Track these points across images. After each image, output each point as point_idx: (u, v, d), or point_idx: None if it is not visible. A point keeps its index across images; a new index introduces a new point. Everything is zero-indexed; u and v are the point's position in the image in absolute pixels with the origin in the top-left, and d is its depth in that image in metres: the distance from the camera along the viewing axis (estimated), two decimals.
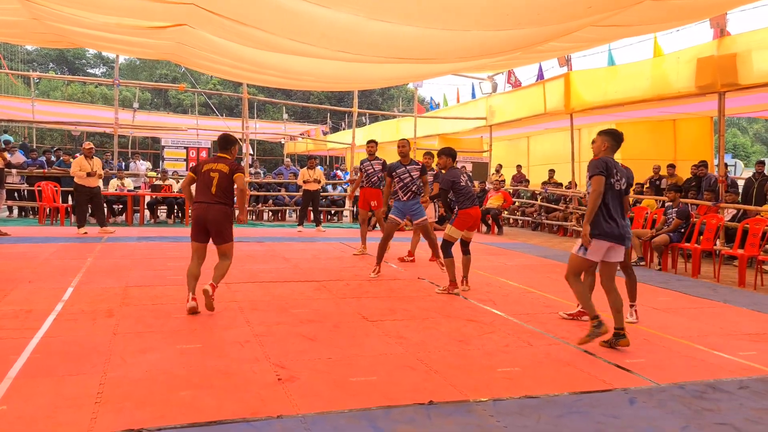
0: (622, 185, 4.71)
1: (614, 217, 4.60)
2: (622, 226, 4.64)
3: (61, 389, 3.42)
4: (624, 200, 4.79)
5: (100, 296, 5.88)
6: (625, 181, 4.77)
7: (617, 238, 4.60)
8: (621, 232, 4.61)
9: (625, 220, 4.73)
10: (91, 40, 8.33)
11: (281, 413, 3.21)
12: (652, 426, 3.24)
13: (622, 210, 4.73)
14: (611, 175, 4.62)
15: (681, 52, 10.63)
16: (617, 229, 4.60)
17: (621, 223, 4.65)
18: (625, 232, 4.67)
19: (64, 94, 38.90)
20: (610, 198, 4.60)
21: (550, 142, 18.77)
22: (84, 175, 11.02)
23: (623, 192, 4.75)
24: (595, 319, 4.61)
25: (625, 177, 4.77)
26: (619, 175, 4.70)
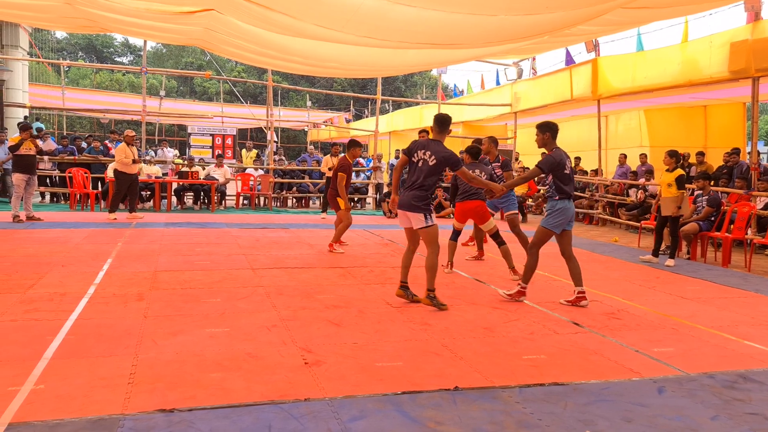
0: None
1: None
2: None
3: (96, 369, 3.51)
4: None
5: (131, 280, 6.00)
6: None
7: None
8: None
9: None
10: (121, 25, 8.43)
11: (309, 396, 3.26)
12: (681, 415, 3.21)
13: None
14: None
15: (713, 36, 10.38)
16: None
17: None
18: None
19: (93, 82, 39.48)
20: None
21: (576, 129, 18.51)
22: (129, 162, 11.30)
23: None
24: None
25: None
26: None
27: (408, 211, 5.27)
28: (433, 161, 5.19)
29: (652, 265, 8.27)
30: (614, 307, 5.65)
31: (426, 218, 5.22)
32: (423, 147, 5.30)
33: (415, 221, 5.26)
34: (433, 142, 5.30)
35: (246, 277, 6.41)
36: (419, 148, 5.33)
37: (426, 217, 5.22)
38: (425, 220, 5.22)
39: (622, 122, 16.60)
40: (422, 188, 5.24)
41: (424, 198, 5.26)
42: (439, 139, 5.36)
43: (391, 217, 14.09)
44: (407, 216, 5.31)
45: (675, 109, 15.39)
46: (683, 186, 8.15)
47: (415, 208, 5.22)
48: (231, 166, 16.19)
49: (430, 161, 5.19)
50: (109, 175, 13.32)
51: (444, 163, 5.21)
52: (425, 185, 5.25)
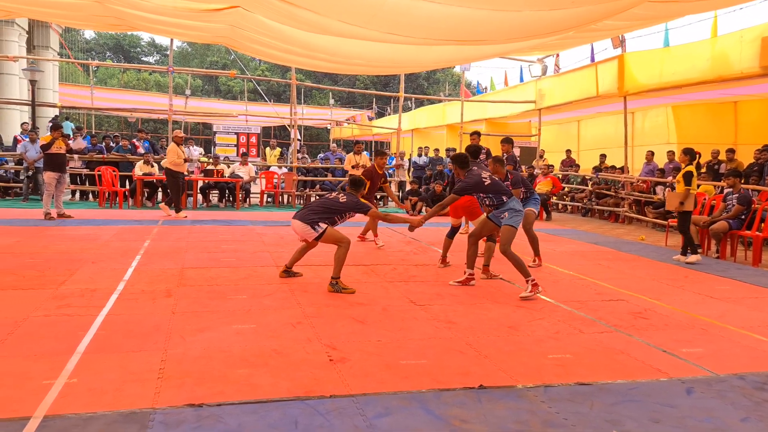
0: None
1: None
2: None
3: (126, 364, 3.58)
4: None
5: (159, 277, 6.10)
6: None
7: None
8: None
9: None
10: (149, 23, 8.55)
11: (334, 393, 3.28)
12: (710, 416, 3.17)
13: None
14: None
15: (744, 30, 10.17)
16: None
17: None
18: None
19: (121, 82, 40.10)
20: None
21: (602, 126, 18.28)
22: (181, 162, 11.56)
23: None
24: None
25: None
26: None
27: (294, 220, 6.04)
28: (344, 199, 6.06)
29: (680, 264, 8.16)
30: (641, 307, 5.58)
31: (314, 228, 5.87)
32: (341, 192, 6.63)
33: (306, 233, 5.92)
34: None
35: (271, 274, 6.48)
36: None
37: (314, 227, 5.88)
38: (314, 230, 5.89)
39: (649, 119, 16.35)
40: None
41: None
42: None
43: (413, 214, 14.09)
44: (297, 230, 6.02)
45: (704, 105, 15.11)
46: (689, 182, 8.20)
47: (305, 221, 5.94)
48: (255, 164, 16.33)
49: (341, 199, 6.06)
50: (137, 173, 13.55)
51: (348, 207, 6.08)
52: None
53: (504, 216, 6.04)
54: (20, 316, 4.48)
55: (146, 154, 14.34)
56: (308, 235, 5.88)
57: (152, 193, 14.18)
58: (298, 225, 5.91)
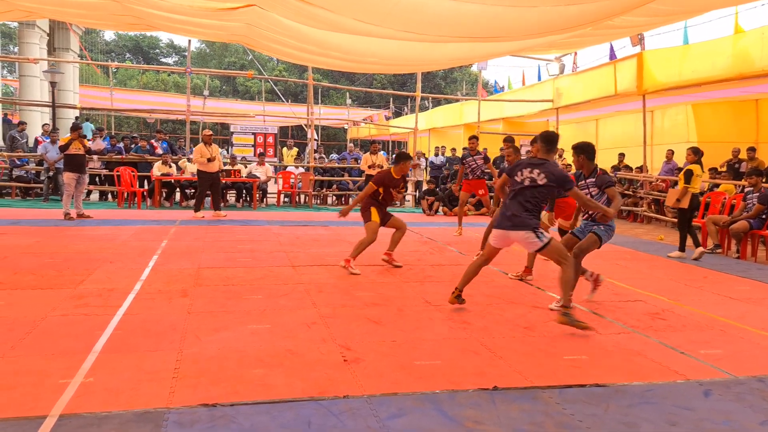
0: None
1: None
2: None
3: (142, 364, 3.61)
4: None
5: (176, 277, 6.15)
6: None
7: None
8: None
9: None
10: (166, 22, 8.63)
11: (348, 393, 3.29)
12: (728, 419, 3.12)
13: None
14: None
15: (765, 28, 10.00)
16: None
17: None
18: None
19: (140, 83, 40.57)
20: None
21: (620, 125, 18.08)
22: (205, 161, 11.63)
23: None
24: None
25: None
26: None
27: (508, 230, 4.76)
28: (543, 180, 4.72)
29: (686, 261, 8.13)
30: (659, 307, 5.51)
31: (537, 236, 4.66)
32: (528, 166, 4.83)
33: (528, 243, 4.71)
34: (542, 161, 4.83)
35: (287, 274, 6.50)
36: (524, 167, 4.85)
37: (537, 234, 4.67)
38: (538, 239, 4.66)
39: (669, 117, 16.14)
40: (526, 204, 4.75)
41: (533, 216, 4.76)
42: (547, 158, 4.87)
43: (430, 214, 14.07)
44: (507, 235, 4.81)
45: (724, 103, 14.88)
46: (688, 180, 8.33)
47: (513, 227, 4.72)
48: (272, 164, 16.41)
49: (540, 180, 4.73)
50: (155, 173, 13.69)
51: (554, 183, 4.73)
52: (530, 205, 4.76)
53: (598, 228, 5.43)
54: (38, 316, 4.55)
55: (164, 154, 14.48)
56: (530, 246, 4.71)
57: (170, 193, 14.32)
58: (517, 235, 4.71)
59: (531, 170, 4.78)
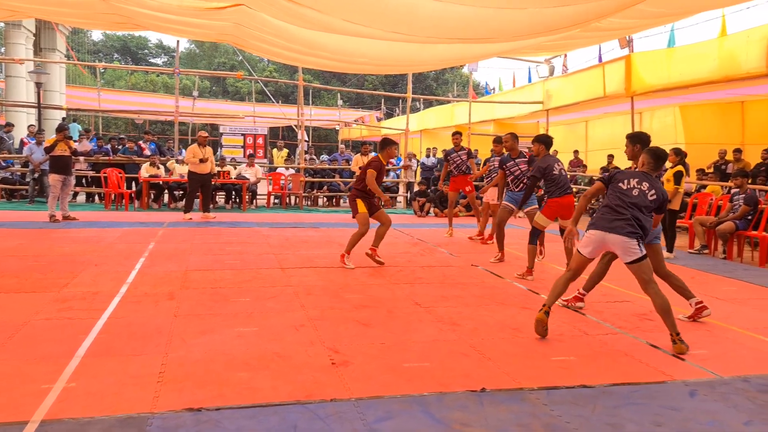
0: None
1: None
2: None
3: (126, 368, 3.58)
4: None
5: (162, 279, 6.10)
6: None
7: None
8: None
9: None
10: (153, 21, 8.57)
11: (335, 397, 3.27)
12: (713, 420, 3.13)
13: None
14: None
15: (751, 30, 10.09)
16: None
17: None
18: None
19: (128, 84, 40.31)
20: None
21: (609, 127, 18.19)
22: (197, 162, 11.57)
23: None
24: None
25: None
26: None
27: (617, 235, 4.40)
28: (653, 197, 4.48)
29: (673, 261, 8.20)
30: (646, 308, 5.53)
31: (640, 246, 4.40)
32: (635, 177, 4.57)
33: (628, 251, 4.38)
34: (649, 176, 4.59)
35: (275, 276, 6.47)
36: (629, 177, 4.59)
37: (640, 244, 4.41)
38: (639, 249, 4.39)
39: (657, 119, 16.25)
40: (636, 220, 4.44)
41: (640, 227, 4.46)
42: (651, 172, 4.61)
43: (421, 215, 14.07)
44: (609, 239, 4.46)
45: (711, 105, 15.00)
46: (679, 182, 8.33)
47: (630, 234, 4.38)
48: (262, 166, 16.36)
49: (650, 195, 4.48)
50: (143, 175, 13.59)
51: (659, 202, 4.52)
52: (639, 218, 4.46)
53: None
54: (21, 320, 4.49)
55: (152, 155, 14.39)
56: (630, 255, 4.37)
57: (158, 195, 14.23)
58: (617, 240, 4.39)
59: (640, 183, 4.53)
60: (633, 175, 4.59)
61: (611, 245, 4.48)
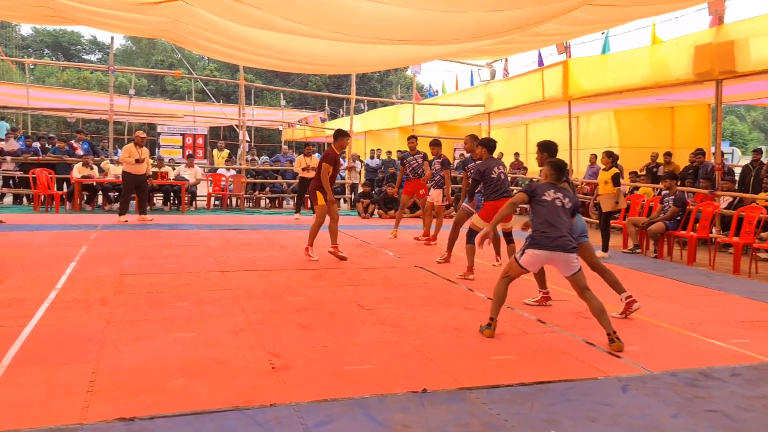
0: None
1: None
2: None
3: (54, 378, 3.41)
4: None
5: (95, 284, 5.86)
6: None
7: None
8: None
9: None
10: (86, 15, 8.22)
11: (274, 402, 3.21)
12: (644, 413, 3.24)
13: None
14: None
15: (679, 39, 10.56)
16: None
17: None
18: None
19: (60, 80, 38.66)
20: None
21: (549, 130, 18.66)
22: (133, 162, 11.16)
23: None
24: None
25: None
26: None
27: (563, 252, 4.53)
28: (569, 205, 4.66)
29: (608, 261, 8.49)
30: (582, 306, 5.66)
31: (577, 261, 4.62)
32: (549, 188, 4.69)
33: (571, 266, 4.57)
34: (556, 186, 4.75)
35: (215, 280, 6.32)
36: (546, 189, 4.69)
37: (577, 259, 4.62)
38: (577, 263, 4.62)
39: (593, 123, 16.82)
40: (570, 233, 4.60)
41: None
42: (555, 183, 4.78)
43: (365, 217, 14.07)
44: (554, 257, 4.58)
45: (643, 110, 15.64)
46: (618, 183, 8.75)
47: (572, 250, 4.55)
48: (202, 166, 15.99)
49: (566, 204, 4.65)
50: (75, 175, 13.05)
51: (574, 208, 4.71)
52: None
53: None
54: None
55: (85, 155, 13.83)
56: (571, 270, 4.57)
57: (92, 196, 13.70)
58: (562, 256, 4.52)
59: (555, 192, 4.67)
60: (548, 187, 4.71)
61: (555, 262, 4.60)
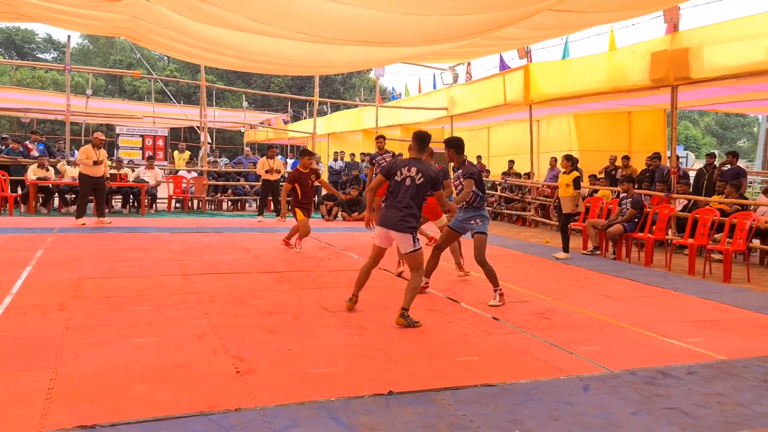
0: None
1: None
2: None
3: (10, 385, 3.31)
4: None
5: (52, 289, 5.70)
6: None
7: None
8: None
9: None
10: (41, 10, 7.96)
11: (239, 406, 3.18)
12: (604, 412, 3.32)
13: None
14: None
15: (636, 45, 10.86)
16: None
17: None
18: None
19: (13, 79, 37.41)
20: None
21: (510, 133, 18.98)
22: (90, 164, 10.87)
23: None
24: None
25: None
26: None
27: (396, 231, 4.96)
28: (420, 180, 4.94)
29: (568, 262, 8.68)
30: (544, 308, 5.80)
31: (414, 241, 4.96)
32: (407, 165, 5.03)
33: (404, 244, 4.98)
34: (417, 161, 5.06)
35: (176, 283, 6.22)
36: (402, 166, 5.05)
37: (414, 240, 4.96)
38: (413, 244, 4.96)
39: (553, 126, 17.15)
40: (410, 208, 4.96)
41: (415, 218, 4.99)
42: (419, 157, 5.10)
43: (329, 219, 14.04)
44: (390, 235, 5.03)
45: (602, 114, 16.03)
46: (579, 186, 9.06)
47: (405, 228, 4.93)
48: (162, 168, 15.70)
49: (417, 180, 4.94)
50: (30, 177, 12.66)
51: (429, 183, 4.97)
52: (413, 205, 4.98)
53: (474, 222, 5.95)
54: None
55: (41, 157, 13.43)
56: (406, 247, 4.96)
57: (48, 199, 13.30)
58: (395, 234, 4.96)
59: (409, 169, 5.02)
60: (405, 164, 5.07)
61: (393, 238, 5.06)
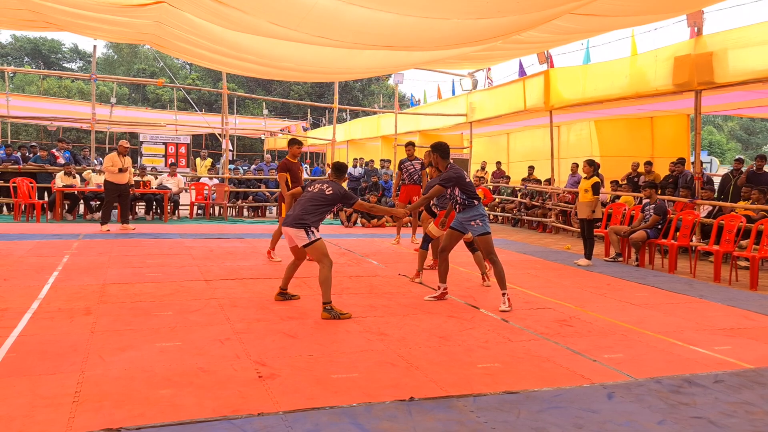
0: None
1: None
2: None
3: (38, 389, 3.37)
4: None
5: (78, 294, 5.80)
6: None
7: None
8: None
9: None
10: (68, 17, 8.12)
11: (262, 411, 3.20)
12: (629, 420, 3.28)
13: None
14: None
15: (659, 50, 10.75)
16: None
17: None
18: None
19: (40, 89, 38.16)
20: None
21: (530, 139, 18.89)
22: (116, 171, 11.07)
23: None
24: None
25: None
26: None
27: (288, 227, 5.51)
28: (330, 192, 5.55)
29: (590, 269, 8.59)
30: (566, 315, 5.75)
31: (308, 234, 5.40)
32: (323, 183, 5.69)
33: (297, 239, 5.45)
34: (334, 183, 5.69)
35: (199, 289, 6.29)
36: (320, 183, 5.71)
37: (308, 233, 5.40)
38: (307, 236, 5.40)
39: (574, 132, 17.02)
40: (304, 214, 5.49)
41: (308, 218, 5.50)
42: (337, 180, 5.80)
43: (348, 226, 14.08)
44: (289, 234, 5.53)
45: (623, 120, 15.87)
46: (598, 192, 8.96)
47: (296, 226, 5.44)
48: (185, 175, 15.88)
49: (327, 191, 5.55)
50: (57, 184, 12.90)
51: (337, 197, 5.58)
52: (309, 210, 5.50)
53: (475, 224, 6.03)
54: None
55: (67, 164, 13.68)
56: (300, 240, 5.43)
57: (73, 205, 13.53)
58: (290, 231, 5.49)
59: (321, 184, 5.66)
60: (322, 182, 5.70)
61: (290, 236, 5.51)
